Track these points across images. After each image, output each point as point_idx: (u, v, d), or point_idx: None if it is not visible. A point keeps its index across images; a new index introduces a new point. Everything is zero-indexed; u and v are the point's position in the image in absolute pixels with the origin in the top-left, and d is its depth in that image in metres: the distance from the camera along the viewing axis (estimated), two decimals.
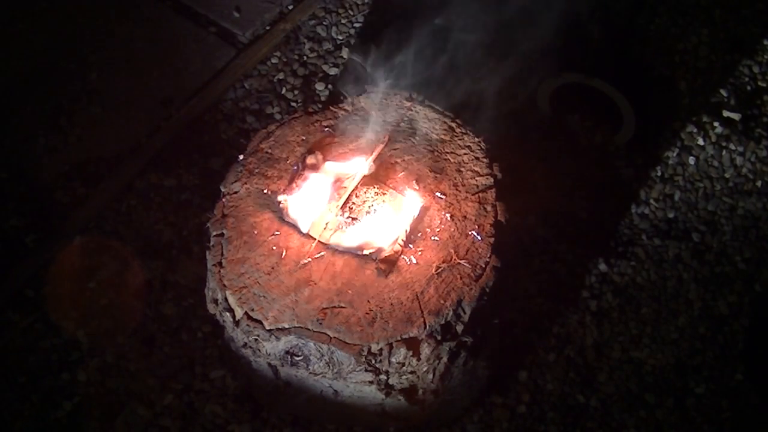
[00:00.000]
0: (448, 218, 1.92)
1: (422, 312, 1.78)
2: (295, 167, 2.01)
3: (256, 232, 1.89)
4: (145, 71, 2.85)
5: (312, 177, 2.00)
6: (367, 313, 1.78)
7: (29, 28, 2.93)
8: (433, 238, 1.89)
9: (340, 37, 2.97)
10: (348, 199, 1.96)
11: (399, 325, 1.77)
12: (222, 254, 1.88)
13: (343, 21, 3.01)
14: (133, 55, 2.89)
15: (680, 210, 2.62)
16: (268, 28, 3.00)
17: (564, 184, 2.61)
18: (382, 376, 1.84)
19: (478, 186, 1.98)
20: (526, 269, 2.46)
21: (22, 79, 2.80)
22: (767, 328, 2.40)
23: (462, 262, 1.85)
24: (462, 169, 2.01)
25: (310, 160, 2.02)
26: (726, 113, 2.82)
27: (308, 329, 1.77)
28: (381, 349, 1.77)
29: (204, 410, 2.19)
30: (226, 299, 1.85)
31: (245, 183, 1.98)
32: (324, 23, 3.01)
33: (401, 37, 2.27)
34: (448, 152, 2.04)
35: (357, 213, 1.94)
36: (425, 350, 1.80)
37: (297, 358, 1.81)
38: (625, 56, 2.97)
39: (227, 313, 1.85)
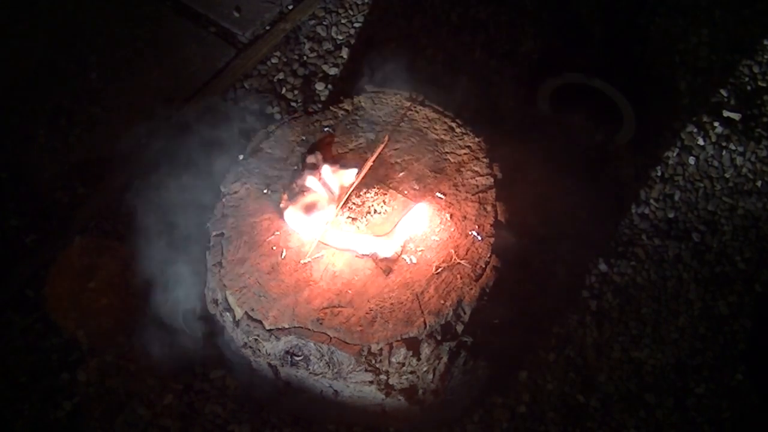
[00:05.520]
0: (448, 218, 1.92)
1: (422, 312, 1.78)
2: (295, 167, 2.01)
3: (256, 232, 1.90)
4: (145, 71, 2.85)
5: (312, 177, 2.00)
6: (367, 313, 1.78)
7: (29, 28, 2.94)
8: (433, 238, 1.89)
9: (340, 37, 2.97)
10: (348, 199, 1.96)
11: (399, 325, 1.77)
12: (222, 254, 1.88)
13: (343, 21, 3.01)
14: (133, 55, 2.89)
15: (680, 210, 2.62)
16: (268, 28, 3.00)
17: (564, 184, 2.61)
18: (382, 376, 1.84)
19: (478, 186, 1.98)
20: (526, 269, 2.46)
21: (22, 79, 2.81)
22: (767, 328, 2.40)
23: (462, 262, 1.85)
24: (462, 169, 2.01)
25: (310, 160, 2.02)
26: (726, 113, 2.82)
27: (308, 329, 1.77)
28: (381, 349, 1.77)
29: (204, 410, 2.19)
30: (226, 299, 1.85)
31: (245, 183, 1.98)
32: (324, 23, 3.01)
33: None
34: (448, 152, 2.04)
35: (357, 213, 1.94)
36: (425, 350, 1.80)
37: (297, 358, 1.81)
38: (625, 56, 2.97)
39: (227, 313, 1.85)
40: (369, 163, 1.99)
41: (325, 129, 2.08)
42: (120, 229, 2.48)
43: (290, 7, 3.04)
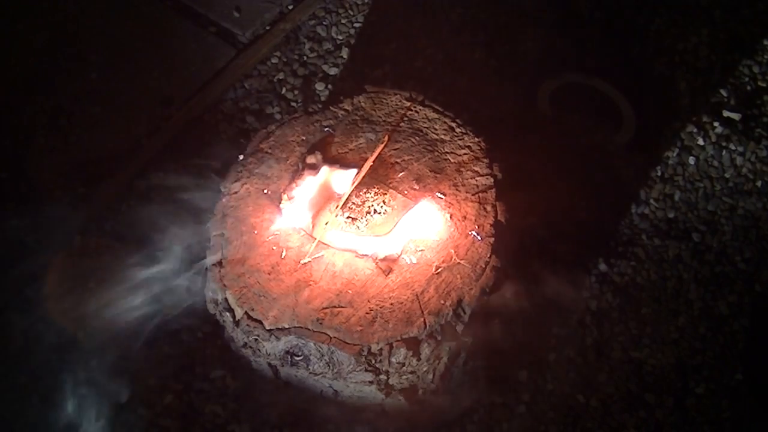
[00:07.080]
0: (448, 218, 1.92)
1: (422, 312, 1.78)
2: (295, 167, 2.01)
3: (256, 232, 1.89)
4: (145, 71, 2.85)
5: (312, 177, 2.00)
6: (367, 313, 1.78)
7: (29, 28, 2.94)
8: (433, 238, 1.89)
9: (340, 37, 2.97)
10: (348, 199, 1.96)
11: (399, 325, 1.77)
12: (222, 254, 1.88)
13: (343, 21, 3.01)
14: (133, 55, 2.89)
15: (680, 210, 2.62)
16: (268, 28, 3.00)
17: (564, 184, 2.61)
18: (382, 376, 1.84)
19: (478, 186, 1.98)
20: (527, 269, 2.46)
21: (22, 79, 2.81)
22: (767, 328, 2.40)
23: (462, 262, 1.85)
24: (462, 169, 2.01)
25: (310, 160, 2.02)
26: (726, 113, 2.82)
27: (308, 329, 1.77)
28: (381, 349, 1.77)
29: (204, 410, 2.19)
30: (226, 299, 1.85)
31: (245, 183, 1.98)
32: (324, 23, 3.01)
33: None
34: (448, 152, 2.04)
35: (357, 213, 1.94)
36: (425, 350, 1.80)
37: (297, 358, 1.81)
38: (625, 56, 2.97)
39: (227, 313, 1.85)
40: (369, 163, 1.99)
41: (325, 129, 2.08)
42: (120, 229, 2.48)
43: (290, 7, 3.05)
